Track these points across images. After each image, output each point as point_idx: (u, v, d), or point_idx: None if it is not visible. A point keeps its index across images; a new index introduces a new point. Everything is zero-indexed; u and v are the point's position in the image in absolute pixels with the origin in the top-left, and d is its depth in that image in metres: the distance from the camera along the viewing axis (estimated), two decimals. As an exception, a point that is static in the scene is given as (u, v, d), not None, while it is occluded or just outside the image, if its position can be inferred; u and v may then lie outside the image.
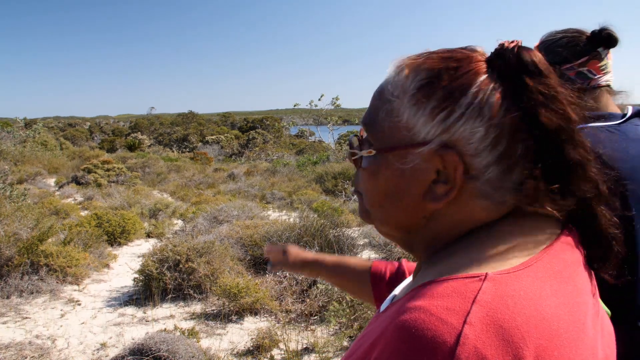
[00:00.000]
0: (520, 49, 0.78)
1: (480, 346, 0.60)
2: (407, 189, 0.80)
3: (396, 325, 0.65)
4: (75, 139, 45.79)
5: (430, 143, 0.77)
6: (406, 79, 0.81)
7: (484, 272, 0.68)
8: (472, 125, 0.76)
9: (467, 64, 0.79)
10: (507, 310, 0.63)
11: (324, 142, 36.95)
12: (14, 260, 6.20)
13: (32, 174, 17.15)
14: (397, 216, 0.84)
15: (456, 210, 0.80)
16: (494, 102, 0.76)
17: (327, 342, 4.69)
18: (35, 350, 4.66)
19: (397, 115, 0.80)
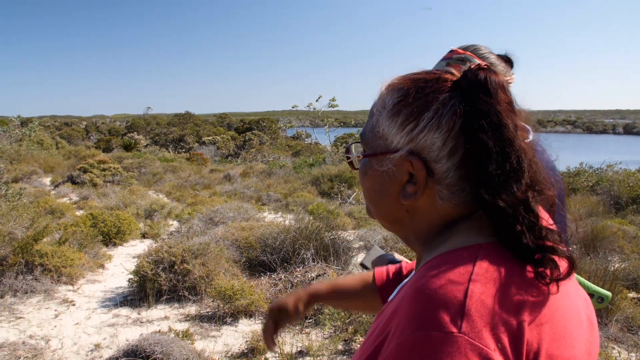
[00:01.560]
0: (479, 71, 0.91)
1: (485, 297, 0.75)
2: (387, 188, 0.98)
3: (412, 293, 0.80)
4: (72, 138, 45.72)
5: (400, 150, 0.94)
6: (386, 97, 0.99)
7: (478, 243, 0.85)
8: (432, 136, 0.91)
9: (434, 84, 0.94)
10: (501, 268, 0.80)
11: (321, 144, 36.92)
12: (9, 259, 6.18)
13: (27, 173, 17.10)
14: (385, 210, 1.02)
15: (429, 207, 0.95)
16: (450, 117, 0.90)
17: (322, 346, 4.69)
18: (28, 350, 4.65)
19: (378, 127, 0.99)
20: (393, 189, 0.97)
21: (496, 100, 0.88)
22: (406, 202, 0.95)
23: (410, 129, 0.93)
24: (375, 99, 1.03)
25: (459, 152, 0.89)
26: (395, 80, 1.01)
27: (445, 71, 0.97)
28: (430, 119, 0.91)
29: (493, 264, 0.79)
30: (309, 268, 6.26)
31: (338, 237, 7.05)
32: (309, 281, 5.94)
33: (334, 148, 30.67)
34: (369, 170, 1.01)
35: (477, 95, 0.89)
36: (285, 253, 6.71)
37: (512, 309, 0.74)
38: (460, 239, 0.89)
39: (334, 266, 6.42)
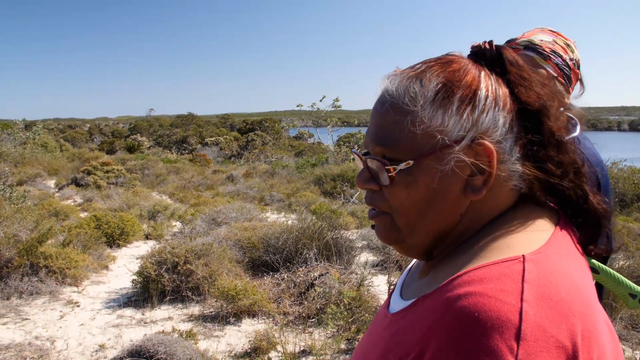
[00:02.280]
0: (497, 46, 0.91)
1: (540, 320, 0.68)
2: (448, 189, 0.86)
3: (455, 314, 0.71)
4: (75, 140, 45.84)
5: (464, 139, 0.85)
6: (421, 89, 0.87)
7: (520, 255, 0.76)
8: (493, 115, 0.86)
9: (465, 65, 0.89)
10: (552, 285, 0.72)
11: (323, 144, 36.88)
12: (14, 261, 6.23)
13: (32, 176, 17.16)
14: (437, 221, 0.89)
15: (489, 197, 0.87)
16: (502, 92, 0.87)
17: (325, 345, 4.72)
18: (34, 351, 4.69)
19: (424, 122, 0.85)
20: (455, 187, 0.86)
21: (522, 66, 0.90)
22: (477, 197, 0.86)
23: (469, 113, 0.85)
24: (395, 95, 0.89)
25: (515, 126, 0.87)
26: (417, 69, 0.90)
27: (452, 54, 0.92)
28: (486, 97, 0.85)
29: (541, 280, 0.72)
30: (311, 268, 6.28)
31: (341, 237, 7.07)
32: (312, 280, 5.96)
33: (337, 148, 30.66)
34: (419, 177, 0.86)
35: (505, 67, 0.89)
36: (288, 253, 6.74)
37: (567, 329, 0.68)
38: (496, 246, 0.82)
39: (337, 265, 6.45)
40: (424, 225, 0.90)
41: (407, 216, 0.90)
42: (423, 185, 0.86)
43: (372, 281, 6.36)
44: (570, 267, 0.78)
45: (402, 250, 0.97)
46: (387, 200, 0.91)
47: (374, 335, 0.97)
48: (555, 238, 0.83)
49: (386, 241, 0.96)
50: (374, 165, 0.91)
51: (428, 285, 0.89)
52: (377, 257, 7.86)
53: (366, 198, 0.97)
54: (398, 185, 0.88)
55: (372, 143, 0.92)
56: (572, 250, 0.84)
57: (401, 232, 0.92)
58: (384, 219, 0.94)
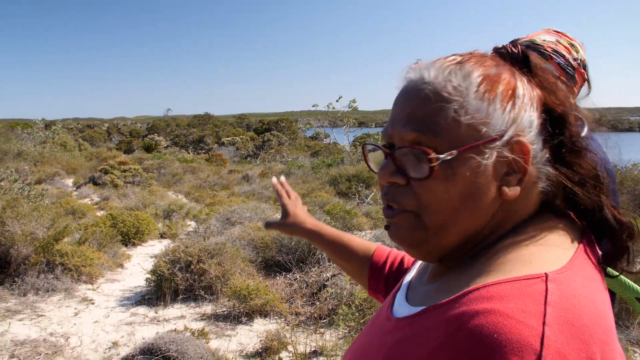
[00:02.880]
0: (523, 49, 0.89)
1: (561, 347, 0.63)
2: (486, 186, 0.82)
3: (471, 332, 0.66)
4: (94, 140, 46.19)
5: (505, 134, 0.81)
6: (464, 79, 0.83)
7: (543, 273, 0.71)
8: (529, 114, 0.83)
9: (499, 62, 0.87)
10: (575, 310, 0.67)
11: (339, 145, 36.87)
12: (31, 258, 6.32)
13: (50, 174, 17.34)
14: (470, 220, 0.84)
15: (518, 200, 0.84)
16: (535, 93, 0.85)
17: (336, 346, 4.73)
18: (49, 347, 4.76)
19: (468, 113, 0.81)
20: (492, 184, 0.82)
21: (546, 71, 0.89)
22: (513, 195, 0.82)
23: (510, 109, 0.82)
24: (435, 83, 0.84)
25: (546, 129, 0.85)
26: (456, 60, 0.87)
27: (471, 52, 0.89)
28: (524, 95, 0.83)
29: (564, 304, 0.67)
30: (324, 268, 6.30)
31: (354, 238, 7.07)
32: (324, 281, 5.98)
33: (353, 148, 30.64)
34: (459, 170, 0.81)
35: (530, 67, 0.87)
36: (301, 253, 6.76)
37: (586, 356, 0.64)
38: (517, 261, 0.77)
39: (349, 266, 6.44)
40: (456, 225, 0.84)
41: (440, 214, 0.83)
42: (462, 179, 0.80)
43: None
44: (592, 289, 0.74)
45: (420, 253, 0.90)
46: (416, 196, 0.84)
47: (374, 337, 0.92)
48: (578, 256, 0.79)
49: (406, 242, 0.88)
50: (406, 156, 0.85)
51: (439, 292, 0.84)
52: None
53: (386, 194, 0.89)
54: (436, 177, 0.81)
55: (403, 130, 0.85)
56: (593, 271, 0.80)
57: (427, 232, 0.85)
58: (408, 218, 0.86)
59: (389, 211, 0.89)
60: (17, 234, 6.26)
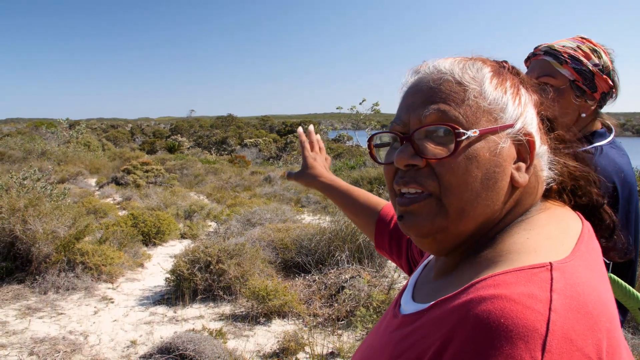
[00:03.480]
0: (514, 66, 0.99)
1: (567, 332, 0.64)
2: (502, 169, 0.85)
3: (478, 317, 0.66)
4: (117, 140, 46.71)
5: (516, 124, 0.87)
6: (477, 71, 0.89)
7: (548, 262, 0.73)
8: (531, 110, 0.91)
9: (503, 65, 0.95)
10: (579, 297, 0.68)
11: (362, 147, 36.81)
12: (52, 257, 6.38)
13: (74, 174, 17.56)
14: (487, 205, 0.85)
15: (526, 188, 0.89)
16: (529, 93, 0.94)
17: (353, 347, 4.69)
18: (68, 345, 4.79)
19: (486, 99, 0.87)
20: (508, 170, 0.86)
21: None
22: (524, 182, 0.87)
23: (518, 102, 0.89)
24: (452, 70, 0.89)
25: (542, 127, 0.93)
26: (468, 57, 0.94)
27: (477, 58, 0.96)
28: (525, 93, 0.92)
29: (569, 291, 0.68)
30: (343, 270, 6.26)
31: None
32: (342, 283, 5.94)
33: (375, 151, 30.57)
34: (480, 152, 0.84)
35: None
36: (320, 255, 6.74)
37: (593, 344, 0.65)
38: (522, 251, 0.79)
39: (369, 268, 6.41)
40: (474, 208, 0.85)
41: (462, 195, 0.84)
42: (483, 160, 0.84)
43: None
44: (595, 278, 0.75)
45: (434, 242, 0.89)
46: (437, 176, 0.85)
47: (381, 336, 0.93)
48: (580, 246, 0.80)
49: (424, 230, 0.88)
50: (424, 140, 0.87)
51: (448, 287, 0.84)
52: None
53: (402, 177, 0.90)
54: (459, 156, 0.83)
55: (424, 111, 0.87)
56: (595, 260, 0.81)
57: (447, 217, 0.86)
58: (429, 203, 0.86)
59: (406, 199, 0.89)
60: (38, 233, 6.32)
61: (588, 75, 1.89)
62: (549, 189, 0.94)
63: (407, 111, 0.91)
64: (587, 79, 1.89)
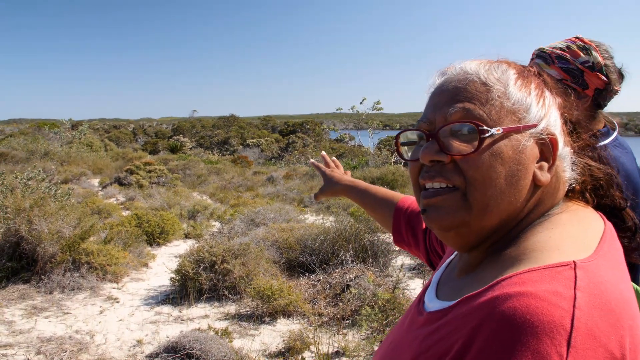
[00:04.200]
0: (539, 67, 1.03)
1: (592, 328, 0.66)
2: (525, 167, 0.87)
3: (504, 313, 0.68)
4: (120, 140, 46.68)
5: (540, 124, 0.90)
6: (502, 73, 0.92)
7: (571, 260, 0.75)
8: (555, 112, 0.93)
9: (527, 67, 0.98)
10: (602, 295, 0.70)
11: (364, 147, 36.79)
12: (57, 257, 6.40)
13: (77, 174, 17.57)
14: (510, 201, 0.87)
15: (548, 187, 0.91)
16: (557, 99, 0.96)
17: (358, 347, 4.70)
18: (74, 344, 4.81)
19: (510, 100, 0.90)
20: (530, 168, 0.88)
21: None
22: (546, 181, 0.89)
23: (542, 104, 0.91)
24: (478, 72, 0.92)
25: (567, 127, 0.95)
26: (482, 61, 0.96)
27: (503, 60, 0.98)
28: (549, 95, 0.94)
29: (593, 289, 0.70)
30: (347, 269, 6.27)
31: (378, 239, 7.04)
32: (347, 282, 5.96)
33: (377, 151, 30.54)
34: (504, 149, 0.86)
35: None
36: (325, 254, 6.75)
37: (616, 341, 0.67)
38: (546, 250, 0.80)
39: (373, 268, 6.42)
40: (498, 204, 0.87)
41: (486, 191, 0.86)
42: (507, 158, 0.86)
43: (408, 284, 6.31)
44: (617, 277, 0.77)
45: (457, 236, 0.91)
46: (463, 172, 0.88)
47: (406, 332, 0.95)
48: (603, 245, 0.82)
49: (446, 223, 0.90)
50: (450, 137, 0.90)
51: (472, 284, 0.86)
52: (414, 261, 7.80)
53: (427, 172, 0.93)
54: (483, 152, 0.86)
55: (450, 109, 0.90)
56: (617, 260, 0.83)
57: (470, 212, 0.88)
58: (453, 197, 0.89)
59: (429, 191, 0.92)
60: (44, 233, 6.34)
61: (576, 73, 1.93)
62: (572, 189, 0.96)
63: (433, 110, 0.94)
64: (575, 77, 1.93)
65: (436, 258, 1.50)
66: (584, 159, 0.96)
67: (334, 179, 1.89)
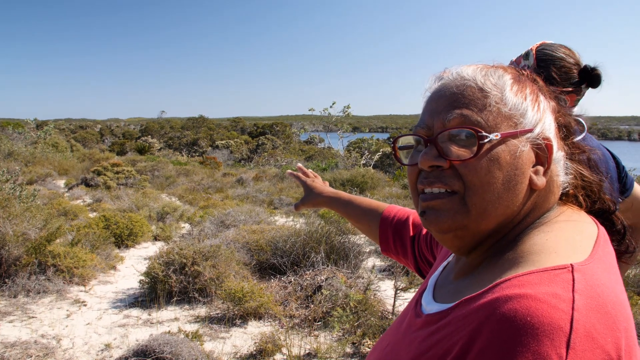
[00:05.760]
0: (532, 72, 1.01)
1: (590, 330, 0.67)
2: (522, 171, 0.89)
3: (504, 315, 0.69)
4: (86, 141, 46.03)
5: (535, 129, 0.91)
6: (499, 78, 0.93)
7: (569, 264, 0.76)
8: (549, 116, 0.94)
9: (523, 73, 0.98)
10: (599, 298, 0.71)
11: (333, 149, 36.91)
12: (22, 259, 6.25)
13: (42, 175, 17.26)
14: (507, 205, 0.89)
15: (543, 191, 0.93)
16: (551, 103, 0.97)
17: (330, 348, 4.70)
18: (40, 349, 4.70)
19: (507, 105, 0.91)
20: (527, 173, 0.90)
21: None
22: (541, 185, 0.90)
23: (537, 108, 0.92)
24: (475, 78, 0.93)
25: (559, 134, 0.96)
26: (494, 64, 0.98)
27: (506, 66, 0.99)
28: (544, 100, 0.95)
29: (590, 292, 0.71)
30: (318, 271, 6.27)
31: (349, 241, 7.06)
32: (318, 284, 5.95)
33: (347, 153, 30.64)
34: (501, 154, 0.88)
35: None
36: (296, 256, 6.73)
37: (613, 342, 0.68)
38: (543, 253, 0.81)
39: (344, 269, 6.43)
40: (496, 208, 0.89)
41: (484, 195, 0.88)
42: (504, 163, 0.88)
43: (379, 286, 6.33)
44: (612, 280, 0.78)
45: (455, 238, 0.93)
46: (461, 177, 0.89)
47: (403, 334, 0.95)
48: (597, 249, 0.83)
49: (444, 226, 0.92)
50: (448, 143, 0.91)
51: (471, 286, 0.87)
52: (385, 262, 7.83)
53: (426, 178, 0.94)
54: (481, 158, 0.88)
55: (448, 115, 0.92)
56: (611, 263, 0.84)
57: (469, 215, 0.89)
58: (452, 201, 0.90)
59: (428, 195, 0.94)
60: (8, 235, 6.20)
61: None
62: (566, 193, 0.97)
63: (430, 115, 0.95)
64: None
65: (425, 266, 1.52)
66: (576, 163, 0.98)
67: (316, 190, 1.88)
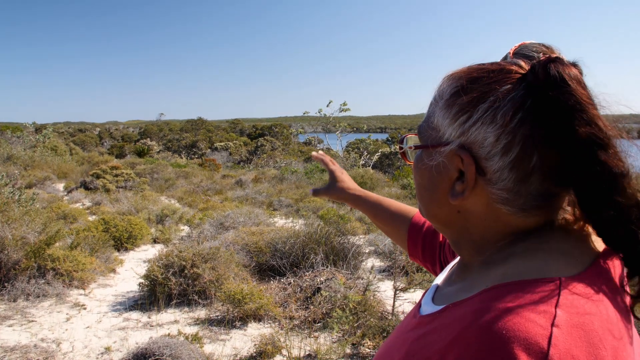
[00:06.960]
0: (550, 63, 0.80)
1: (570, 348, 0.64)
2: (436, 184, 0.90)
3: (481, 327, 0.68)
4: (85, 144, 46.03)
5: (451, 144, 0.86)
6: (445, 87, 0.90)
7: (557, 277, 0.73)
8: (485, 130, 0.82)
9: (496, 75, 0.84)
10: (585, 315, 0.68)
11: (332, 150, 36.89)
12: (21, 263, 6.25)
13: (41, 179, 17.25)
14: (435, 209, 0.94)
15: (483, 209, 0.86)
16: (507, 110, 0.80)
17: (330, 349, 4.70)
18: (40, 353, 4.70)
19: (432, 118, 0.91)
20: (442, 185, 0.89)
21: (576, 93, 0.78)
22: (454, 202, 0.87)
23: (463, 121, 0.84)
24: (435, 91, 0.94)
25: (513, 150, 0.80)
26: (456, 70, 0.91)
27: (512, 62, 0.85)
28: (485, 110, 0.82)
29: (575, 308, 0.69)
30: (318, 272, 6.27)
31: (348, 242, 7.06)
32: (318, 285, 5.95)
33: (346, 154, 30.62)
34: (419, 164, 0.93)
35: (545, 90, 0.79)
36: (295, 257, 6.73)
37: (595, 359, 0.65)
38: (532, 264, 0.78)
39: (344, 270, 6.43)
40: (426, 209, 0.96)
41: (418, 197, 0.98)
42: (421, 172, 0.94)
43: (379, 286, 6.33)
44: (606, 298, 0.74)
45: (441, 231, 1.01)
46: None
47: (399, 334, 0.95)
48: (595, 267, 0.78)
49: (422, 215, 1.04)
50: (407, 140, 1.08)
51: (461, 291, 0.87)
52: (384, 263, 7.83)
53: None
54: (413, 166, 0.98)
55: None
56: (610, 284, 0.78)
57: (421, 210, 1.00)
58: None
59: None
60: (7, 239, 6.20)
61: None
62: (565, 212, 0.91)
63: None
64: None
65: None
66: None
67: (343, 184, 1.80)
